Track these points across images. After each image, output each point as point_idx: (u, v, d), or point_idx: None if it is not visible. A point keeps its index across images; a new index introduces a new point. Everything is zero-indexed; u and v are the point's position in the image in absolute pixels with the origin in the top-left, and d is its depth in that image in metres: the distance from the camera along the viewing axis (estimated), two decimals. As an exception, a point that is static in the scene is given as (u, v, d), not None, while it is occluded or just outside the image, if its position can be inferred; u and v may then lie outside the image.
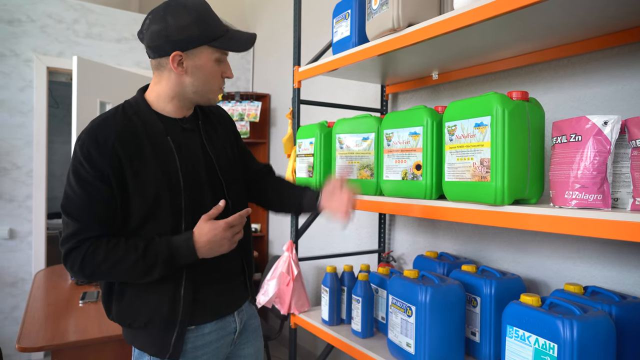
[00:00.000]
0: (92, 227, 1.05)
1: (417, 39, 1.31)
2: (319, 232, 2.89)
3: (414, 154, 1.33)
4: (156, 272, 1.07)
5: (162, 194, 1.09)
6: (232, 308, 1.25)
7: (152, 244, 1.07)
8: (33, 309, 1.98)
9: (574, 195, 0.96)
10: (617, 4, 1.05)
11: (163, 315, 1.11)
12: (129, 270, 1.06)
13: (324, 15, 2.85)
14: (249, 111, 3.50)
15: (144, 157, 1.09)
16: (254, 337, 1.34)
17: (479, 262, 1.75)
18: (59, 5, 3.34)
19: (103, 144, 1.04)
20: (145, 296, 1.12)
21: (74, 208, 1.05)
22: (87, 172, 1.04)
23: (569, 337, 0.98)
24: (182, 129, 1.18)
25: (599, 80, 1.38)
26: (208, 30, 1.10)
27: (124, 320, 1.14)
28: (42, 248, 3.32)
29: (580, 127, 0.97)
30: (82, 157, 1.04)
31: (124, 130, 1.08)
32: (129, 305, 1.12)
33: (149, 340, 1.13)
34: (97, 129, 1.07)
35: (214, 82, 1.16)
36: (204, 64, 1.12)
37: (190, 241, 1.08)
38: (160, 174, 1.10)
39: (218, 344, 1.20)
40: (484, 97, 1.10)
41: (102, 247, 1.05)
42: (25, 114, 3.25)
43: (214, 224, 1.09)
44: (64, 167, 5.82)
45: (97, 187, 1.04)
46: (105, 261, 1.04)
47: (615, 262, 1.34)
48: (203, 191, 1.18)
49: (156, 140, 1.12)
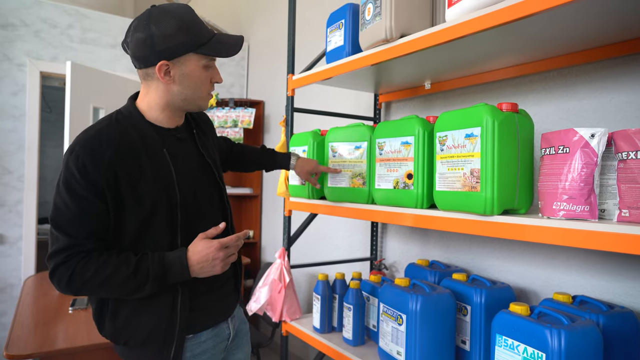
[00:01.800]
0: (83, 242, 1.01)
1: (409, 49, 1.33)
2: (312, 239, 2.89)
3: (405, 163, 1.34)
4: (147, 288, 1.04)
5: (158, 207, 1.07)
6: (227, 314, 1.25)
7: (144, 260, 1.04)
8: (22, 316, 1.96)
9: (562, 206, 0.98)
10: (605, 19, 1.08)
11: (162, 330, 1.08)
12: (119, 286, 1.02)
13: (318, 24, 2.87)
14: (242, 118, 3.50)
15: (142, 171, 1.06)
16: (244, 342, 1.35)
17: (470, 270, 1.76)
18: (53, 10, 3.34)
19: (99, 158, 1.01)
20: (141, 314, 1.08)
21: (65, 222, 1.01)
22: (81, 186, 1.00)
23: (556, 347, 0.99)
24: (177, 139, 1.17)
25: (588, 92, 1.40)
26: (194, 37, 1.06)
27: (118, 339, 1.10)
28: (32, 254, 3.29)
29: (568, 139, 0.99)
30: (76, 171, 0.99)
31: (120, 144, 1.04)
32: (125, 325, 1.08)
33: (147, 356, 1.10)
34: (93, 142, 1.02)
35: (203, 89, 1.13)
36: (191, 72, 1.09)
37: (183, 258, 1.06)
38: (158, 187, 1.08)
39: (214, 350, 1.20)
40: (474, 108, 1.12)
41: (92, 262, 1.01)
42: (18, 118, 3.24)
43: (208, 242, 1.08)
44: (55, 171, 5.78)
45: (91, 201, 1.01)
46: (94, 277, 1.00)
47: (603, 271, 1.35)
48: (199, 202, 1.17)
49: (153, 153, 1.09)
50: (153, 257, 1.04)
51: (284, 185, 1.95)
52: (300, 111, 1.98)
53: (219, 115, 3.51)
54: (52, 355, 1.63)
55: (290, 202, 1.89)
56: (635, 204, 0.90)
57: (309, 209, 1.78)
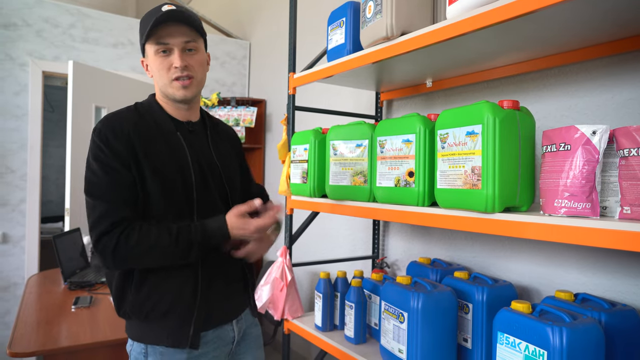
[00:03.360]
0: (121, 207, 1.06)
1: (410, 47, 1.33)
2: (313, 237, 2.90)
3: (406, 161, 1.34)
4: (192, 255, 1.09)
5: (176, 185, 1.12)
6: (231, 316, 1.24)
7: (186, 228, 1.09)
8: (25, 314, 1.97)
9: (563, 204, 0.97)
10: (604, 16, 1.07)
11: (185, 301, 1.12)
12: (163, 252, 1.07)
13: (319, 22, 2.87)
14: (244, 116, 3.51)
15: (158, 151, 1.13)
16: (254, 346, 1.32)
17: (472, 268, 1.76)
18: (55, 9, 3.35)
19: (120, 132, 1.09)
20: (165, 285, 1.11)
21: (99, 190, 1.07)
22: (107, 157, 1.07)
23: (558, 344, 0.98)
24: (189, 131, 1.22)
25: (589, 89, 1.40)
26: (143, 30, 1.14)
27: (140, 311, 1.11)
28: (35, 252, 3.30)
29: (569, 136, 0.98)
30: (100, 143, 1.08)
31: (138, 124, 1.13)
32: (147, 296, 1.11)
33: (165, 331, 1.11)
34: (113, 119, 1.12)
35: (163, 76, 1.16)
36: (152, 62, 1.16)
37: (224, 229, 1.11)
38: (174, 168, 1.13)
39: (215, 353, 1.19)
40: (475, 106, 1.12)
41: (136, 230, 1.06)
42: (20, 117, 3.25)
43: (245, 223, 1.12)
44: (58, 171, 5.80)
45: (119, 171, 1.07)
46: (139, 244, 1.05)
47: (605, 269, 1.35)
48: (211, 189, 1.20)
49: (168, 136, 1.17)
50: (195, 226, 1.10)
51: (285, 183, 1.95)
52: (302, 109, 1.99)
53: (220, 114, 3.52)
54: (55, 353, 1.64)
55: (292, 200, 1.90)
56: (637, 201, 0.90)
57: (311, 208, 1.78)
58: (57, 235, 2.50)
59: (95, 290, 2.32)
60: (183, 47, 1.15)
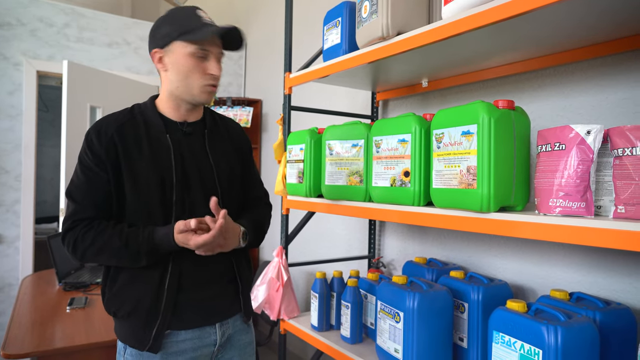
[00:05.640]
0: (87, 208, 1.12)
1: (405, 47, 1.33)
2: (309, 237, 2.90)
3: (402, 160, 1.34)
4: (142, 260, 1.11)
5: (153, 187, 1.14)
6: (213, 319, 1.20)
7: (135, 233, 1.10)
8: (19, 315, 1.95)
9: (558, 203, 0.98)
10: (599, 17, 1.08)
11: (146, 306, 1.13)
12: (114, 255, 1.10)
13: (315, 22, 2.87)
14: (240, 116, 3.50)
15: (140, 151, 1.15)
16: (241, 353, 1.27)
17: (468, 268, 1.77)
18: (49, 9, 3.33)
19: (104, 134, 1.14)
20: (132, 286, 1.14)
21: (74, 191, 1.14)
22: (88, 158, 1.13)
23: (553, 343, 0.99)
24: (182, 133, 1.22)
25: (584, 89, 1.40)
26: (177, 26, 1.15)
27: (110, 308, 1.16)
28: (29, 253, 3.29)
29: (564, 136, 0.99)
30: (86, 145, 1.14)
31: (125, 125, 1.17)
32: (117, 294, 1.15)
33: (130, 331, 1.15)
34: (102, 122, 1.17)
35: (193, 78, 1.16)
36: (178, 59, 1.16)
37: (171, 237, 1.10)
38: (153, 168, 1.14)
39: (194, 353, 1.17)
40: (470, 106, 1.12)
41: (93, 230, 1.11)
42: (14, 117, 3.23)
43: (185, 238, 1.08)
44: (53, 171, 5.77)
45: (95, 172, 1.12)
46: (92, 244, 1.10)
47: (600, 268, 1.36)
48: (194, 190, 1.19)
49: (155, 138, 1.18)
50: (143, 232, 1.11)
51: (281, 183, 1.95)
52: (298, 109, 1.99)
53: (216, 114, 3.51)
54: (49, 355, 1.63)
55: (288, 200, 1.89)
56: (631, 200, 0.90)
57: (307, 207, 1.78)
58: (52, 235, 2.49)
59: (90, 291, 2.31)
60: (217, 57, 1.20)
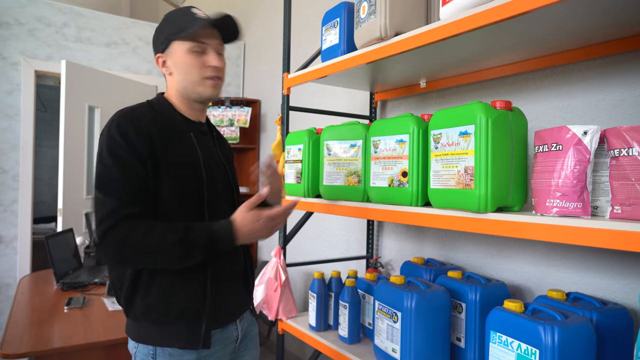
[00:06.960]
0: (129, 204, 1.04)
1: (404, 48, 1.33)
2: (308, 237, 2.90)
3: (400, 161, 1.34)
4: (196, 256, 1.06)
5: (189, 184, 1.12)
6: (235, 315, 1.23)
7: (191, 229, 1.05)
8: (17, 315, 1.95)
9: (555, 204, 0.98)
10: (597, 18, 1.08)
11: (196, 305, 1.11)
12: (167, 252, 1.04)
13: (313, 22, 2.87)
14: (239, 117, 3.50)
15: (175, 148, 1.12)
16: (252, 345, 1.32)
17: (465, 268, 1.77)
18: (48, 9, 3.33)
19: (139, 125, 1.08)
20: (175, 288, 1.10)
21: (111, 185, 1.04)
22: (123, 150, 1.05)
23: (550, 343, 0.99)
24: (200, 132, 1.23)
25: (581, 90, 1.41)
26: (174, 27, 1.15)
27: (149, 316, 1.09)
28: (27, 253, 3.28)
29: (561, 136, 0.99)
30: (118, 136, 1.05)
31: (156, 118, 1.13)
32: (158, 301, 1.09)
33: (177, 334, 1.10)
34: (132, 114, 1.10)
35: (193, 73, 1.17)
36: (179, 59, 1.16)
37: (230, 230, 1.08)
38: (187, 165, 1.13)
39: (220, 353, 1.19)
40: (468, 106, 1.12)
41: (141, 226, 1.03)
42: (12, 117, 3.23)
43: (256, 215, 1.10)
44: (51, 171, 5.75)
45: (133, 165, 1.05)
46: (143, 241, 1.02)
47: (597, 268, 1.36)
48: (219, 190, 1.21)
49: (182, 134, 1.17)
50: (201, 227, 1.07)
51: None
52: (296, 110, 1.99)
53: (214, 115, 3.51)
54: (47, 355, 1.63)
55: (286, 200, 1.90)
56: (628, 201, 0.91)
57: (305, 208, 1.78)
58: (50, 235, 2.48)
59: (88, 291, 2.31)
60: (217, 49, 1.19)
